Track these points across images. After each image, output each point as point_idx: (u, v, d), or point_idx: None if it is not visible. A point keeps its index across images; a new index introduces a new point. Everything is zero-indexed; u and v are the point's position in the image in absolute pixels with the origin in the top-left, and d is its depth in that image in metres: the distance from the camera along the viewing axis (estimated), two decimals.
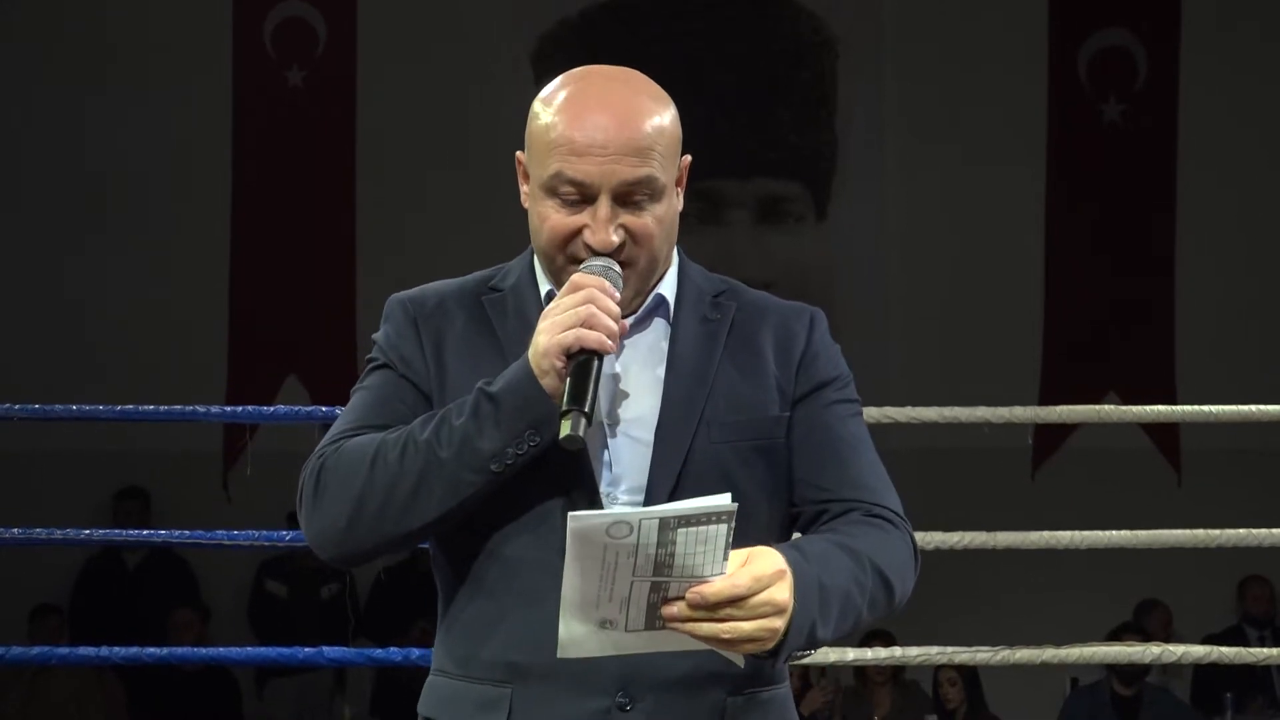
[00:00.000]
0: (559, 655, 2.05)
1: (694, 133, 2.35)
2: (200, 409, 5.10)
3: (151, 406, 5.06)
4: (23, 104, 10.17)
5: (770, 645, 2.05)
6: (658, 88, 2.30)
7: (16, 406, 4.94)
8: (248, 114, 10.24)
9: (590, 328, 2.14)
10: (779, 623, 2.04)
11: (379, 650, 4.96)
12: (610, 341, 2.15)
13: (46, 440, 8.61)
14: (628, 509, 2.09)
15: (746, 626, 2.02)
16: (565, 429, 2.11)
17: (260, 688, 9.48)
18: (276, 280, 10.19)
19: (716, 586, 2.00)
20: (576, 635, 2.04)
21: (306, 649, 4.89)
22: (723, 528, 1.98)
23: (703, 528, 1.97)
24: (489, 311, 2.31)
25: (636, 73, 2.31)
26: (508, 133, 2.70)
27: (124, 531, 5.13)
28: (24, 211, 10.15)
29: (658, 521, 1.96)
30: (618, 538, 1.96)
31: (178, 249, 10.12)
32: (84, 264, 10.10)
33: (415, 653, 4.78)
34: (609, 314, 2.16)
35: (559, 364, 2.14)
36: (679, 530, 1.97)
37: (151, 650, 5.00)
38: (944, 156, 10.30)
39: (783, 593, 2.04)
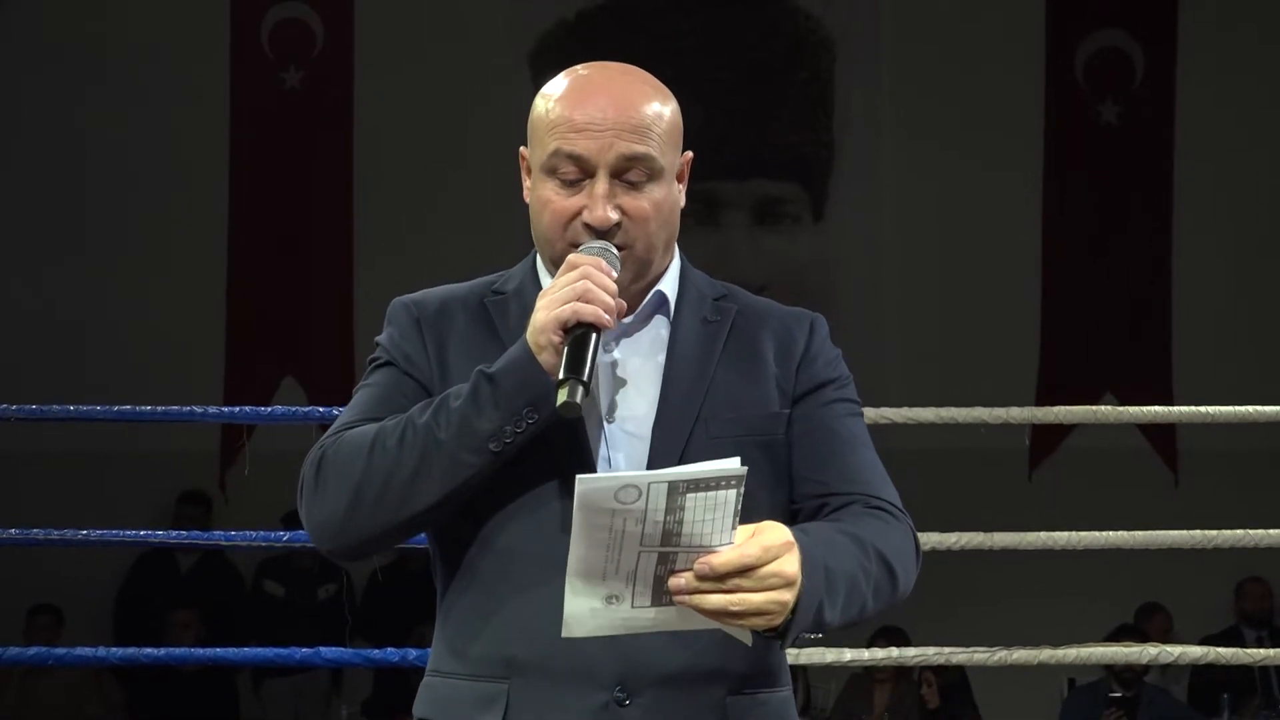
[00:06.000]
0: (563, 634, 2.02)
1: (691, 134, 2.36)
2: (197, 409, 5.09)
3: (149, 407, 5.05)
4: (18, 104, 10.16)
5: (778, 621, 2.01)
6: (660, 83, 2.31)
7: (14, 407, 4.92)
8: (245, 115, 10.23)
9: (586, 302, 2.13)
10: (788, 595, 2.00)
11: (376, 651, 4.94)
12: (607, 316, 2.14)
13: (40, 441, 8.59)
14: (636, 472, 2.07)
15: (755, 598, 1.98)
16: (562, 396, 2.10)
17: (257, 688, 9.48)
18: (274, 280, 10.18)
19: (725, 556, 1.97)
20: (581, 612, 2.00)
21: (303, 649, 4.87)
22: (732, 493, 1.95)
23: (712, 493, 1.94)
24: (492, 313, 2.31)
25: (638, 68, 2.32)
26: (506, 133, 2.70)
27: (120, 532, 5.11)
28: (21, 211, 10.14)
29: (666, 485, 1.93)
30: (626, 503, 1.93)
31: (175, 249, 10.11)
32: (81, 265, 10.09)
33: (413, 653, 4.77)
34: (605, 290, 2.15)
35: (556, 339, 2.14)
36: (688, 495, 1.94)
37: (149, 651, 4.99)
38: (941, 157, 10.30)
39: (791, 565, 2.01)
